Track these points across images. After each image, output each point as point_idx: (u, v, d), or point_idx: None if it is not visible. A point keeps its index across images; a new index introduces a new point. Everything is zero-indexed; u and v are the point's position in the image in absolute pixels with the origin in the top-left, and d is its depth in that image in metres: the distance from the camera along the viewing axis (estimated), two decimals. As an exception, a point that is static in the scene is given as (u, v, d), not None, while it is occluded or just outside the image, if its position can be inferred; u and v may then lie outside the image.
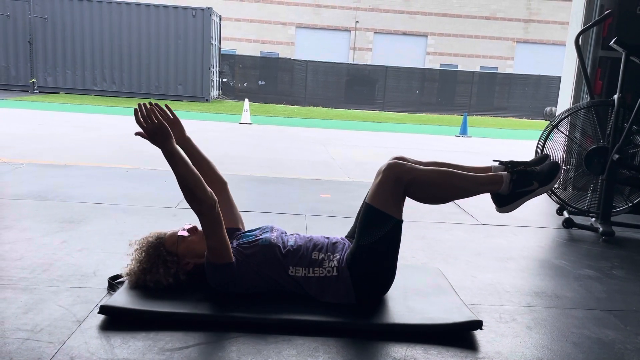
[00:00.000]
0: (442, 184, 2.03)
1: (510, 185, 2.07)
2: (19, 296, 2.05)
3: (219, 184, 2.31)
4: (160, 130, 1.91)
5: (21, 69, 17.28)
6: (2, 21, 16.82)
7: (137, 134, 1.98)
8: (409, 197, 2.03)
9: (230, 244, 2.02)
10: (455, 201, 4.25)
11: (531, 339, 1.96)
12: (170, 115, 2.22)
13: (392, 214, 1.97)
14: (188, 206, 3.64)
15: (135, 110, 1.91)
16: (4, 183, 4.06)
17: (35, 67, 17.20)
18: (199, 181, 1.91)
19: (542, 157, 2.23)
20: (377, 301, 2.08)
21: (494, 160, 2.27)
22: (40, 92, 17.17)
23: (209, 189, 1.94)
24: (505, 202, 2.10)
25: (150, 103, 1.95)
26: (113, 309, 1.90)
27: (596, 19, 4.32)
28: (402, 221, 2.01)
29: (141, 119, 1.90)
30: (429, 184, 2.01)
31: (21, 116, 9.78)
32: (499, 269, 2.75)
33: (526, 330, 2.04)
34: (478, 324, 1.93)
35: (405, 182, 1.97)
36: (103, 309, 1.89)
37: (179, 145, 2.16)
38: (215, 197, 1.95)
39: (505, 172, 2.09)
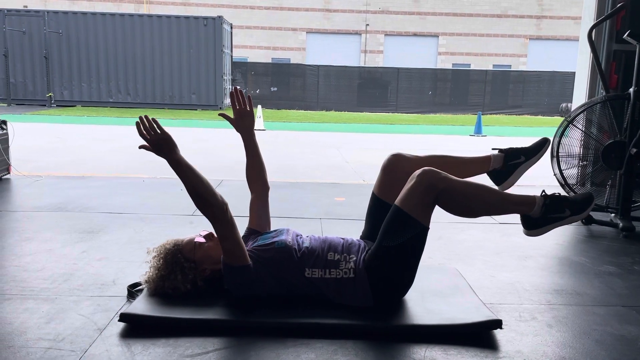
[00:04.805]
0: (475, 197, 2.00)
1: (542, 210, 2.02)
2: (41, 306, 2.08)
3: (263, 187, 2.36)
4: (164, 140, 1.89)
5: (38, 84, 17.58)
6: (18, 37, 17.13)
7: (141, 147, 1.93)
8: (438, 205, 2.01)
9: (245, 246, 2.04)
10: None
11: (552, 337, 1.94)
12: (247, 106, 2.26)
13: (419, 219, 1.96)
14: (204, 213, 3.68)
15: (137, 123, 1.88)
16: (24, 196, 4.13)
17: (51, 81, 17.47)
18: (208, 187, 1.91)
19: (541, 142, 2.26)
20: (395, 303, 2.07)
21: (493, 149, 2.27)
22: (57, 105, 17.44)
23: (218, 193, 1.95)
24: (535, 225, 2.05)
25: (147, 117, 1.90)
26: (133, 317, 1.92)
27: (609, 12, 4.27)
28: (428, 228, 2.00)
29: (144, 132, 1.88)
30: (462, 195, 1.99)
31: (39, 130, 9.95)
32: (517, 267, 2.73)
33: (547, 328, 2.01)
34: (497, 324, 1.92)
35: (438, 190, 1.95)
36: (123, 317, 1.91)
37: (243, 137, 2.27)
38: (226, 201, 1.96)
39: (539, 196, 2.05)
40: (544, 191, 2.07)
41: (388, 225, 1.99)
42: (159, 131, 1.88)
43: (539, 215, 2.03)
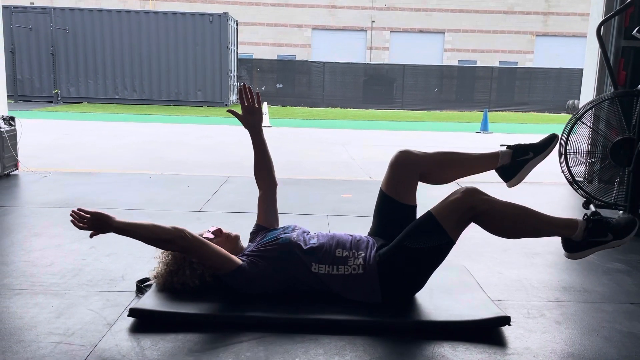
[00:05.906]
0: (516, 221, 1.99)
1: (585, 233, 2.00)
2: (51, 301, 2.10)
3: (271, 184, 2.37)
4: (98, 220, 1.90)
5: (45, 81, 17.63)
6: (25, 34, 17.19)
7: (91, 235, 1.94)
8: (476, 223, 2.00)
9: (225, 251, 2.04)
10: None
11: (561, 334, 1.93)
12: (256, 103, 2.28)
13: (449, 232, 1.96)
14: (212, 209, 3.70)
15: (73, 221, 1.90)
16: (33, 192, 4.16)
17: (58, 78, 17.53)
18: (156, 229, 1.93)
19: (549, 138, 2.24)
20: (403, 301, 2.07)
21: (501, 145, 2.26)
22: (63, 102, 17.49)
23: (169, 226, 1.95)
24: (576, 249, 2.03)
25: (73, 211, 1.93)
26: (142, 312, 1.94)
27: (617, 8, 4.24)
28: (455, 243, 2.00)
29: (80, 224, 1.90)
30: (503, 217, 1.97)
31: (46, 126, 9.99)
32: (525, 264, 2.72)
33: (555, 325, 2.01)
34: (506, 320, 1.92)
35: (479, 210, 1.94)
36: (132, 312, 1.93)
37: (251, 134, 2.30)
38: (181, 227, 1.96)
39: (582, 219, 2.02)
40: (586, 214, 2.05)
41: (415, 227, 1.99)
42: (89, 215, 1.90)
43: (581, 239, 2.01)
